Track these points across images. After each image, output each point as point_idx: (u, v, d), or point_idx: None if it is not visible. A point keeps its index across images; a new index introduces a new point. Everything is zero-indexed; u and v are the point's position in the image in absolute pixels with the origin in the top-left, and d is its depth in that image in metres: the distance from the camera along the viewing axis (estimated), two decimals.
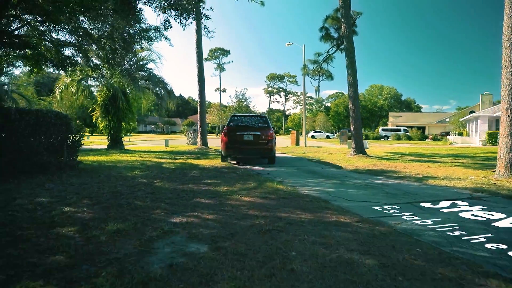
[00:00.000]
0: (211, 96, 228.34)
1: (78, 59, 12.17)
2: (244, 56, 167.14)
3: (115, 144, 18.07)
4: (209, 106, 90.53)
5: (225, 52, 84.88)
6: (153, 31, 12.90)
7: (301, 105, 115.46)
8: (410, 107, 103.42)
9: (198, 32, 20.67)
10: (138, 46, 13.30)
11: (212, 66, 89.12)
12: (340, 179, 8.40)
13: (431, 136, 50.39)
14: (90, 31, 11.64)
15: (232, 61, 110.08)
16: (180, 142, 32.86)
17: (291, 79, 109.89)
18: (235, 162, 12.72)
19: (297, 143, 28.70)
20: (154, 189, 6.45)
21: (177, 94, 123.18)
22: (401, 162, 13.22)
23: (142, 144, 27.63)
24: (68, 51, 11.99)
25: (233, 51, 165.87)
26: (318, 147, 27.32)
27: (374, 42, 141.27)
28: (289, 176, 8.89)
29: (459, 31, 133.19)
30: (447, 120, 60.40)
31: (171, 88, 19.17)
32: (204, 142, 20.47)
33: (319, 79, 19.65)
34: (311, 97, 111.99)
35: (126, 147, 22.33)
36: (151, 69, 17.83)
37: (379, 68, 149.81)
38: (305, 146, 27.38)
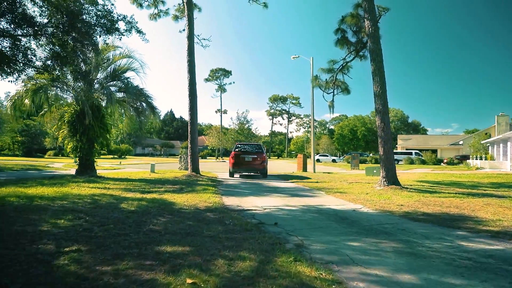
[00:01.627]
0: (212, 118, 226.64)
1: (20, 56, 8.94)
2: (246, 77, 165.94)
3: (85, 169, 14.65)
4: (209, 128, 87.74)
5: (227, 73, 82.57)
6: (120, 21, 9.76)
7: (304, 128, 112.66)
8: (417, 129, 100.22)
9: (190, 37, 17.62)
10: (102, 41, 10.00)
11: (213, 87, 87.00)
12: (400, 239, 4.91)
13: (446, 160, 46.78)
14: (29, 13, 8.48)
15: (234, 82, 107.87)
16: (173, 166, 29.44)
17: (294, 101, 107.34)
18: (227, 198, 9.31)
19: (305, 168, 25.20)
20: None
21: (177, 116, 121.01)
22: (453, 197, 9.70)
23: (129, 169, 24.26)
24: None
25: (235, 72, 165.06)
26: (329, 173, 23.80)
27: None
28: (311, 231, 5.40)
29: (466, 54, 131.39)
30: (461, 142, 56.91)
31: (155, 105, 15.86)
32: (195, 167, 17.01)
33: (333, 92, 16.36)
34: (314, 120, 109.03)
35: (109, 172, 19.02)
36: (129, 77, 14.62)
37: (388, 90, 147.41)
38: (314, 171, 23.87)
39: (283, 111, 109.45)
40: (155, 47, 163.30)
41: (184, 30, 18.51)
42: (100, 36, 9.47)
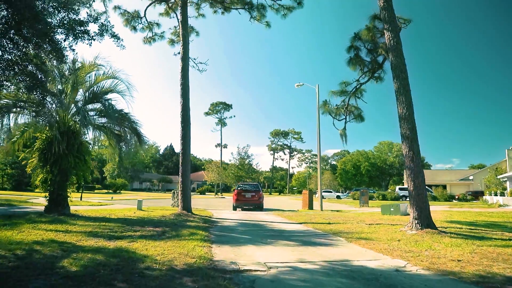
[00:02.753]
0: (212, 153, 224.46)
1: None
2: (247, 111, 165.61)
3: (55, 206, 12.36)
4: (209, 162, 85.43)
5: (227, 106, 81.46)
6: (91, 23, 7.94)
7: (306, 163, 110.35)
8: (422, 164, 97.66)
9: (184, 58, 15.94)
10: (67, 46, 8.09)
11: (213, 121, 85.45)
12: None
13: (458, 196, 44.18)
14: None
15: (234, 116, 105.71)
16: (166, 202, 27.03)
17: (295, 136, 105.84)
18: (218, 248, 7.01)
19: (311, 206, 22.79)
20: None
21: (177, 150, 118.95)
22: None
23: (117, 205, 21.89)
24: None
25: (236, 105, 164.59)
26: (338, 211, 21.37)
27: (381, 96, 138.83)
28: None
29: (468, 87, 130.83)
30: (471, 178, 54.39)
31: (142, 133, 13.79)
32: (186, 204, 14.70)
33: (345, 119, 14.39)
34: (315, 155, 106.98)
35: (93, 208, 16.72)
36: (110, 99, 12.64)
37: (388, 123, 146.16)
38: (321, 209, 21.44)
39: (285, 146, 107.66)
40: (157, 78, 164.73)
41: (179, 53, 16.86)
42: (65, 41, 7.63)
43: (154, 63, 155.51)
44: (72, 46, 7.71)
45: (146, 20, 18.88)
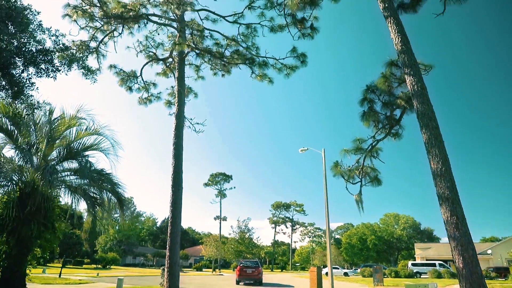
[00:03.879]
0: (210, 227, 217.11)
1: None
2: (247, 182, 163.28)
3: (9, 286, 9.98)
4: (207, 236, 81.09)
5: (227, 177, 79.73)
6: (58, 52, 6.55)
7: (309, 237, 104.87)
8: (431, 237, 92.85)
9: (179, 115, 14.61)
10: (26, 78, 6.54)
11: (213, 192, 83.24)
12: None
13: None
14: None
15: (234, 187, 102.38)
16: (156, 280, 23.89)
17: (297, 208, 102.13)
18: None
19: (320, 285, 19.80)
20: None
21: None
22: None
23: (100, 283, 19.03)
24: None
25: (236, 176, 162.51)
26: None
27: (384, 167, 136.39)
28: None
29: (478, 157, 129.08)
30: (489, 252, 50.45)
31: (125, 197, 11.83)
32: (173, 284, 12.16)
33: (361, 182, 12.51)
34: (319, 229, 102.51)
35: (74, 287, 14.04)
36: (88, 155, 10.92)
37: (393, 195, 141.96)
38: None
39: (287, 219, 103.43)
40: (156, 144, 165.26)
41: (175, 112, 15.59)
42: (23, 72, 6.18)
43: (151, 124, 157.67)
44: (31, 78, 6.22)
45: (142, 79, 18.02)
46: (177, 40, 14.85)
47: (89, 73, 7.50)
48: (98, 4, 12.06)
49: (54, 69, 6.58)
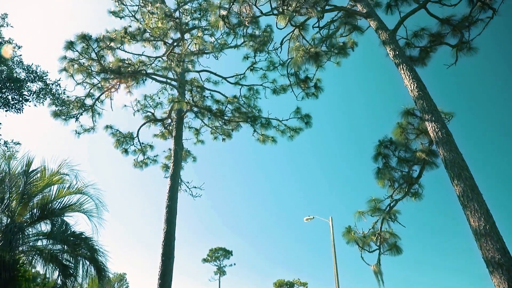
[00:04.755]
0: None
1: None
2: (248, 258, 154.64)
3: None
4: None
5: (227, 253, 75.05)
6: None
7: None
8: None
9: (174, 176, 13.40)
10: None
11: (211, 269, 77.87)
12: None
13: None
14: None
15: (235, 264, 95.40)
16: None
17: (301, 287, 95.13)
18: None
19: None
20: None
21: None
22: None
23: None
24: None
25: (236, 252, 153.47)
26: None
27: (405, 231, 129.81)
28: None
29: None
30: None
31: (106, 267, 10.10)
32: None
33: (379, 249, 10.84)
34: None
35: None
36: (62, 214, 9.45)
37: (420, 261, 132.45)
38: None
39: None
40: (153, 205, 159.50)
41: (170, 173, 14.43)
42: None
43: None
44: None
45: (139, 141, 17.16)
46: (176, 98, 14.28)
47: (63, 106, 6.63)
48: (95, 58, 11.65)
49: (20, 99, 5.62)
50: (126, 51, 12.82)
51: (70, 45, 11.05)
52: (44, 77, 6.78)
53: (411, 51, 11.15)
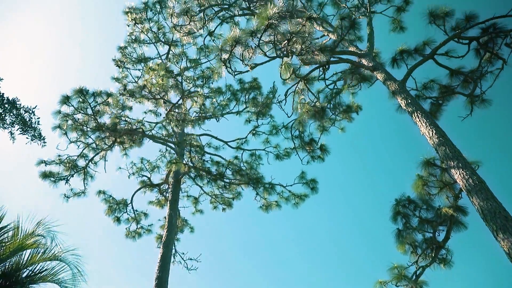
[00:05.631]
0: None
1: None
2: None
3: None
4: None
5: None
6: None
7: None
8: None
9: (167, 244, 11.93)
10: None
11: None
12: None
13: None
14: None
15: None
16: None
17: None
18: None
19: None
20: None
21: None
22: None
23: None
24: None
25: None
26: None
27: None
28: None
29: None
30: None
31: None
32: None
33: None
34: None
35: None
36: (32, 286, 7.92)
37: None
38: None
39: None
40: None
41: (163, 240, 13.03)
42: None
43: None
44: None
45: (133, 208, 15.95)
46: (174, 159, 13.50)
47: (40, 140, 5.87)
48: (91, 113, 11.16)
49: None
50: (124, 108, 12.43)
51: (66, 100, 10.65)
52: (17, 102, 6.12)
53: (422, 104, 10.64)
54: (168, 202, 13.32)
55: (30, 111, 7.61)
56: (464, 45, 9.61)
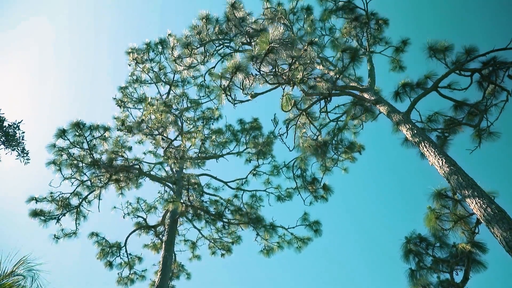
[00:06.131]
0: None
1: None
2: None
3: None
4: None
5: None
6: None
7: None
8: None
9: (163, 284, 11.05)
10: None
11: None
12: None
13: None
14: None
15: None
16: None
17: None
18: None
19: None
20: None
21: None
22: None
23: None
24: None
25: None
26: None
27: None
28: None
29: None
30: None
31: None
32: None
33: None
34: None
35: None
36: None
37: None
38: None
39: None
40: None
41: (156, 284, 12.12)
42: None
43: None
44: None
45: (126, 252, 15.09)
46: (171, 197, 12.97)
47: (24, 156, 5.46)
48: (87, 148, 10.84)
49: None
50: (122, 145, 12.13)
51: (61, 133, 10.41)
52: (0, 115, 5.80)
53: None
54: (164, 244, 12.57)
55: (15, 125, 7.33)
56: (466, 78, 9.52)
